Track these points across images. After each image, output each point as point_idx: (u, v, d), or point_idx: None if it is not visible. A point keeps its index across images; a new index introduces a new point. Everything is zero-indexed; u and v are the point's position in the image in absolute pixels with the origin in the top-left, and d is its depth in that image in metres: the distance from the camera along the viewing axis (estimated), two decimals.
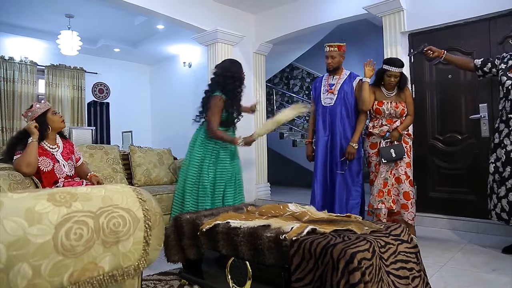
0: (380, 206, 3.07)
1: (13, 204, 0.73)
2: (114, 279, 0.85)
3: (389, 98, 3.21)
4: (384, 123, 3.18)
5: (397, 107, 3.16)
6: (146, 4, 4.15)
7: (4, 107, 5.69)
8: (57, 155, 2.50)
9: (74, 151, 2.67)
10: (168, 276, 2.35)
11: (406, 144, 3.17)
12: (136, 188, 0.99)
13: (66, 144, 2.62)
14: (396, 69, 3.12)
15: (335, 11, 4.47)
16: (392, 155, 3.05)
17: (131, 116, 7.15)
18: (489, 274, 2.30)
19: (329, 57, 3.22)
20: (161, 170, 3.76)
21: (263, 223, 1.66)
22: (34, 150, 2.34)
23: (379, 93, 3.24)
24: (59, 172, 2.46)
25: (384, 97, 3.22)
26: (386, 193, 3.09)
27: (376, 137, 3.20)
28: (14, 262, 0.68)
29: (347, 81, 3.25)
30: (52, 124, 2.49)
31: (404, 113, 3.20)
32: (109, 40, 6.31)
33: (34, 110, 2.48)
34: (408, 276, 1.50)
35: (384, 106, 3.17)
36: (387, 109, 3.16)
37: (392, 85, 3.18)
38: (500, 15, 3.34)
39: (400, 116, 3.19)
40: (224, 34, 4.88)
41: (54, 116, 2.52)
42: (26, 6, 4.87)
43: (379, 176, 3.13)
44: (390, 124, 3.17)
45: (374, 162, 3.23)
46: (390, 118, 3.19)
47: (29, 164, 2.28)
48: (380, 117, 3.21)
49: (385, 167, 3.13)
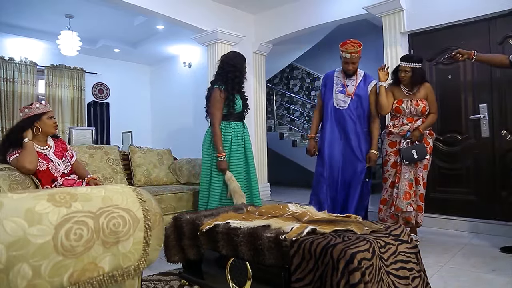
0: (409, 208, 2.95)
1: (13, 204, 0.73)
2: (114, 279, 0.85)
3: (408, 96, 3.10)
4: (405, 122, 3.07)
5: (417, 105, 3.03)
6: (146, 4, 4.16)
7: (4, 107, 5.69)
8: (49, 154, 2.51)
9: (67, 149, 2.68)
10: (168, 277, 2.35)
11: (427, 144, 3.05)
12: (136, 188, 0.99)
13: (58, 143, 2.64)
14: (405, 64, 3.04)
15: (335, 11, 4.47)
16: (413, 156, 2.95)
17: (131, 116, 7.16)
18: (489, 274, 2.30)
19: (350, 63, 3.01)
20: (161, 171, 3.76)
21: (263, 223, 1.66)
22: (33, 149, 2.38)
23: (398, 92, 3.14)
24: (54, 171, 2.48)
25: (403, 95, 3.11)
26: (412, 195, 2.99)
27: (395, 136, 3.10)
28: (14, 263, 0.68)
29: (362, 85, 3.09)
30: (43, 127, 2.50)
31: (426, 111, 3.06)
32: (109, 41, 6.31)
33: (32, 108, 2.49)
34: (408, 276, 1.50)
35: (404, 105, 3.06)
36: (407, 107, 3.05)
37: (404, 81, 3.06)
38: (500, 15, 3.34)
39: (422, 114, 3.06)
40: (224, 34, 4.88)
41: (49, 120, 2.52)
42: (26, 6, 4.87)
43: (403, 178, 3.01)
44: (411, 123, 3.05)
45: (392, 161, 3.12)
46: (411, 116, 3.08)
47: (31, 161, 2.32)
48: (400, 116, 3.11)
49: (408, 168, 3.02)
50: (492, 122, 3.40)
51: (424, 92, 3.08)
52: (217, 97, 2.90)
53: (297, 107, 8.19)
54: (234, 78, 2.94)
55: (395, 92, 3.15)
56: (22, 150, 2.34)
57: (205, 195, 2.99)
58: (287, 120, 8.30)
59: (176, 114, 6.92)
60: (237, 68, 2.96)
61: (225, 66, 2.98)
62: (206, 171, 3.00)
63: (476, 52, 2.87)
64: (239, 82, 2.99)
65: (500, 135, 3.36)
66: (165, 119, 7.26)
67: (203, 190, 3.00)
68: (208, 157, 3.01)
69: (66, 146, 2.71)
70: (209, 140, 3.01)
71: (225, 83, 2.92)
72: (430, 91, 3.10)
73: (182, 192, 3.33)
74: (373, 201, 4.42)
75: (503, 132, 3.32)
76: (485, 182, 3.43)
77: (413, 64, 3.02)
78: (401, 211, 2.99)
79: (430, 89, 3.11)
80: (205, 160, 3.02)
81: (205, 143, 3.05)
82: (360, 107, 3.06)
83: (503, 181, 3.31)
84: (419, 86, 3.08)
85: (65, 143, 2.73)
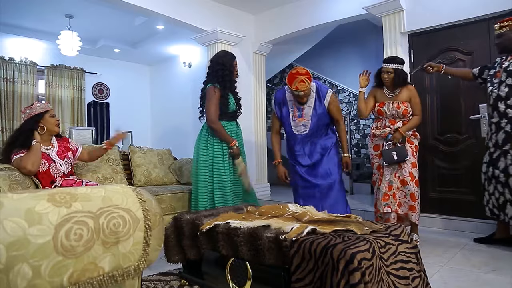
0: (386, 209, 3.01)
1: (13, 204, 0.73)
2: (114, 279, 0.85)
3: (390, 99, 3.14)
4: (387, 124, 3.12)
5: (398, 107, 3.08)
6: (146, 5, 4.16)
7: (4, 108, 5.69)
8: (52, 155, 2.52)
9: (69, 147, 2.69)
10: (168, 277, 2.35)
11: (411, 144, 3.10)
12: (136, 188, 0.99)
13: (61, 142, 2.65)
14: (387, 65, 3.07)
15: (335, 11, 4.47)
16: (393, 158, 2.99)
17: (131, 116, 7.15)
18: (489, 274, 2.30)
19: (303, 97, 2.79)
20: (161, 171, 3.76)
21: (263, 224, 1.66)
22: (39, 151, 2.41)
23: (380, 94, 3.19)
24: (55, 172, 2.49)
25: (385, 98, 3.15)
26: (391, 196, 3.03)
27: (379, 138, 3.15)
28: (14, 263, 0.68)
29: (317, 103, 2.83)
30: (47, 126, 2.52)
31: (408, 113, 3.10)
32: (109, 41, 6.31)
33: (33, 108, 2.51)
34: (408, 276, 1.50)
35: (385, 107, 3.11)
36: (388, 109, 3.10)
37: (387, 82, 3.10)
38: (500, 15, 3.33)
39: (403, 117, 3.10)
40: (224, 35, 4.88)
41: (51, 118, 2.55)
42: (26, 6, 4.87)
43: (383, 179, 3.07)
44: (393, 125, 3.10)
45: (377, 164, 3.19)
46: (393, 118, 3.12)
47: (34, 162, 2.34)
48: (383, 118, 3.17)
49: (389, 169, 3.07)
50: None
51: (406, 94, 3.11)
52: (212, 93, 2.89)
53: None
54: (223, 76, 2.94)
55: (377, 94, 3.20)
56: (28, 151, 2.36)
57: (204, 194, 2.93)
58: None
59: (176, 114, 6.91)
60: (226, 67, 2.96)
61: (214, 65, 3.00)
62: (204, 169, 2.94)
63: (444, 66, 3.17)
64: (230, 81, 2.99)
65: None
66: (165, 119, 7.26)
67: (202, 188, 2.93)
68: (205, 154, 2.95)
69: (69, 144, 2.72)
70: (206, 138, 2.98)
71: (218, 81, 2.93)
72: (414, 94, 3.12)
73: (182, 192, 3.33)
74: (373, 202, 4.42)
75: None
76: None
77: (395, 66, 3.06)
78: (380, 212, 3.06)
79: (413, 92, 3.13)
80: (203, 158, 2.95)
81: (200, 142, 3.01)
82: (321, 122, 2.88)
83: None
84: (401, 88, 3.12)
85: (68, 141, 2.75)
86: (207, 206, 2.88)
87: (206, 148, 2.96)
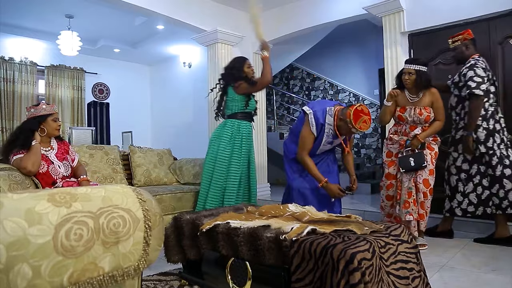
0: (408, 217, 2.82)
1: (13, 204, 0.73)
2: (114, 279, 0.85)
3: (412, 104, 2.94)
4: (408, 130, 2.95)
5: (421, 113, 2.89)
6: (146, 5, 4.16)
7: (4, 108, 5.70)
8: (50, 156, 2.52)
9: (69, 152, 2.69)
10: (168, 277, 2.35)
11: (431, 150, 2.93)
12: (136, 188, 0.99)
13: (61, 145, 2.65)
14: (409, 66, 2.90)
15: (335, 11, 4.47)
16: (410, 164, 2.83)
17: (131, 116, 7.16)
18: (488, 274, 2.30)
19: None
20: (161, 171, 3.76)
21: (263, 224, 1.66)
22: (39, 152, 2.41)
23: (402, 98, 2.98)
24: (54, 173, 2.49)
25: (407, 102, 2.96)
26: (412, 204, 2.85)
27: (395, 144, 3.00)
28: (14, 263, 0.68)
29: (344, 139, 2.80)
30: (48, 129, 2.53)
31: (430, 119, 2.91)
32: (109, 41, 6.32)
33: (39, 108, 2.51)
34: (408, 276, 1.50)
35: (407, 113, 2.93)
36: (410, 115, 2.92)
37: (408, 84, 2.91)
38: (500, 15, 3.34)
39: (425, 123, 2.93)
40: (224, 35, 4.88)
41: (54, 122, 2.56)
42: (26, 6, 4.87)
43: (402, 186, 2.91)
44: (413, 131, 2.93)
45: (386, 171, 3.05)
46: (414, 124, 2.95)
47: (34, 163, 2.35)
48: (403, 124, 2.99)
49: (408, 176, 2.90)
50: None
51: (429, 98, 2.92)
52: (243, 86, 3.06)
53: (297, 107, 8.18)
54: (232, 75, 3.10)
55: (399, 98, 3.00)
56: (28, 151, 2.36)
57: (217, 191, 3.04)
58: (287, 120, 8.30)
59: (176, 114, 6.92)
60: (234, 68, 3.12)
61: (226, 70, 3.19)
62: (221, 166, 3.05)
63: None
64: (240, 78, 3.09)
65: None
66: (165, 119, 7.26)
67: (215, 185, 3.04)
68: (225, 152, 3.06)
69: (69, 149, 2.72)
70: (229, 136, 3.07)
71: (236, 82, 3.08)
72: (436, 97, 2.93)
73: (182, 192, 3.33)
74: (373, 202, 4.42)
75: None
76: None
77: (417, 66, 2.89)
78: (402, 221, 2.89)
79: (436, 95, 2.94)
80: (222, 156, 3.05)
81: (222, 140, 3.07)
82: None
83: None
84: (424, 91, 2.94)
85: (68, 146, 2.74)
86: (217, 203, 2.96)
87: (227, 147, 3.06)
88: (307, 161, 2.70)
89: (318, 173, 2.68)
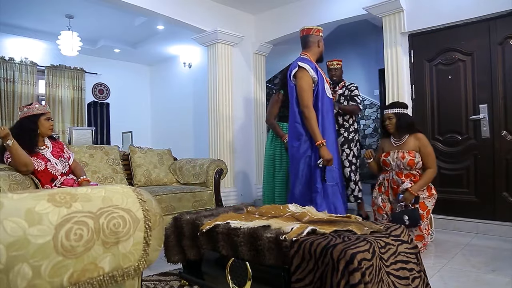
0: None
1: (13, 204, 0.73)
2: (114, 279, 0.85)
3: (396, 147, 2.87)
4: (395, 177, 2.84)
5: (403, 157, 2.79)
6: (146, 5, 4.16)
7: (4, 108, 5.69)
8: (47, 154, 2.52)
9: (64, 150, 2.70)
10: (168, 277, 2.35)
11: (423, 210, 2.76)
12: (136, 188, 0.99)
13: (55, 144, 2.66)
14: (387, 110, 2.90)
15: (335, 12, 4.47)
16: (405, 222, 2.63)
17: (131, 116, 7.16)
18: (488, 275, 2.30)
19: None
20: (161, 171, 3.76)
21: (263, 224, 1.66)
22: (19, 149, 2.31)
23: (387, 144, 2.96)
24: (53, 170, 2.49)
25: (391, 147, 2.91)
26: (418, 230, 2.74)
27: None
28: (14, 263, 0.68)
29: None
30: (40, 128, 2.52)
31: (414, 164, 2.77)
32: (109, 41, 6.31)
33: (31, 108, 2.51)
34: (408, 276, 1.50)
35: (390, 157, 2.86)
36: (393, 160, 2.83)
37: (390, 129, 2.91)
38: (500, 15, 3.34)
39: (410, 168, 2.80)
40: (224, 35, 4.88)
41: (46, 122, 2.54)
42: (26, 6, 4.87)
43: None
44: (400, 178, 2.80)
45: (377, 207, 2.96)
46: (399, 170, 2.83)
47: (25, 164, 2.32)
48: (389, 170, 2.90)
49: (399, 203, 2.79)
50: (492, 123, 3.41)
51: (414, 143, 2.83)
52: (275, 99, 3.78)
53: None
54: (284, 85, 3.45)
55: (385, 145, 3.00)
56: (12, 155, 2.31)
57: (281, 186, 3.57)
58: None
59: (176, 114, 6.91)
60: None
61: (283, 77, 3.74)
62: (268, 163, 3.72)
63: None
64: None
65: (500, 135, 3.36)
66: (165, 119, 7.26)
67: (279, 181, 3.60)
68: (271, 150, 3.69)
69: (63, 147, 2.73)
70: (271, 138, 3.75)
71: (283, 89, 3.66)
72: (423, 143, 2.82)
73: (182, 192, 3.33)
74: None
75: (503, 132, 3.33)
76: (485, 182, 3.43)
77: (396, 110, 2.89)
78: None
79: (423, 141, 2.83)
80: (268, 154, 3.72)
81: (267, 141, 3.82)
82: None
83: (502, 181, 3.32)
84: (408, 136, 2.87)
85: (63, 145, 2.75)
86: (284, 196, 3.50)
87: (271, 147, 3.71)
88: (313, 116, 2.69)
89: (318, 132, 2.69)
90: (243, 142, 5.17)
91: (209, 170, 3.56)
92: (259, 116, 5.39)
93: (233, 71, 5.09)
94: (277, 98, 3.71)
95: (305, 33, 2.98)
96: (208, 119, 5.02)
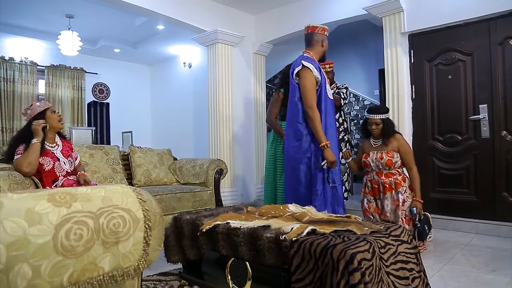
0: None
1: (13, 204, 0.73)
2: (114, 279, 0.85)
3: (375, 148, 2.95)
4: (375, 177, 2.92)
5: (381, 157, 2.87)
6: (146, 5, 4.16)
7: (4, 107, 5.69)
8: (57, 153, 2.53)
9: (73, 149, 2.71)
10: (168, 277, 2.35)
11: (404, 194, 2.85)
12: (136, 188, 0.99)
13: (65, 143, 2.66)
14: (374, 116, 2.91)
15: (335, 12, 4.47)
16: (427, 231, 2.80)
17: (131, 116, 7.16)
18: (488, 275, 2.30)
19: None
20: (161, 171, 3.76)
21: (263, 224, 1.66)
22: (37, 151, 2.37)
23: (367, 145, 3.03)
24: (59, 171, 2.50)
25: (371, 148, 2.98)
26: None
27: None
28: (14, 263, 0.68)
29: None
30: (50, 122, 2.52)
31: (392, 164, 2.86)
32: (109, 41, 6.31)
33: (33, 108, 2.51)
34: (408, 276, 1.50)
35: (370, 158, 2.93)
36: (372, 161, 2.91)
37: (375, 133, 2.95)
38: (501, 15, 3.34)
39: (389, 168, 2.87)
40: (224, 35, 4.88)
41: (53, 114, 2.56)
42: (26, 6, 4.87)
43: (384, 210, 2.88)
44: (380, 177, 2.89)
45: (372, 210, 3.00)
46: (379, 170, 2.92)
47: (30, 164, 2.32)
48: (370, 171, 2.98)
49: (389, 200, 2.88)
50: (492, 123, 3.41)
51: (394, 144, 2.90)
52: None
53: None
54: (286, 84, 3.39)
55: (365, 146, 3.05)
56: (26, 151, 2.35)
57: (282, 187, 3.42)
58: None
59: (176, 114, 6.91)
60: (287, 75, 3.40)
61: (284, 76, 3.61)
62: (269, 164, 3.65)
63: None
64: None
65: (500, 135, 3.36)
66: (165, 119, 7.26)
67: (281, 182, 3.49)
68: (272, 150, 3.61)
69: (73, 147, 2.75)
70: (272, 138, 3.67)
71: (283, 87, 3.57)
72: (402, 143, 2.91)
73: (182, 192, 3.33)
74: None
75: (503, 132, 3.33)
76: (485, 182, 3.44)
77: (383, 116, 2.92)
78: None
79: (401, 141, 2.92)
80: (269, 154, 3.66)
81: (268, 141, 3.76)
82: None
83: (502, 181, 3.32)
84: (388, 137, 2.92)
85: (72, 145, 2.77)
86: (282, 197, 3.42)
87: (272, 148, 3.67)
88: (317, 117, 2.63)
89: (322, 134, 2.62)
90: (243, 142, 5.17)
91: (209, 170, 3.56)
92: (259, 116, 5.39)
93: (233, 71, 5.09)
94: (277, 97, 3.69)
95: (310, 31, 2.96)
96: (208, 119, 5.02)
